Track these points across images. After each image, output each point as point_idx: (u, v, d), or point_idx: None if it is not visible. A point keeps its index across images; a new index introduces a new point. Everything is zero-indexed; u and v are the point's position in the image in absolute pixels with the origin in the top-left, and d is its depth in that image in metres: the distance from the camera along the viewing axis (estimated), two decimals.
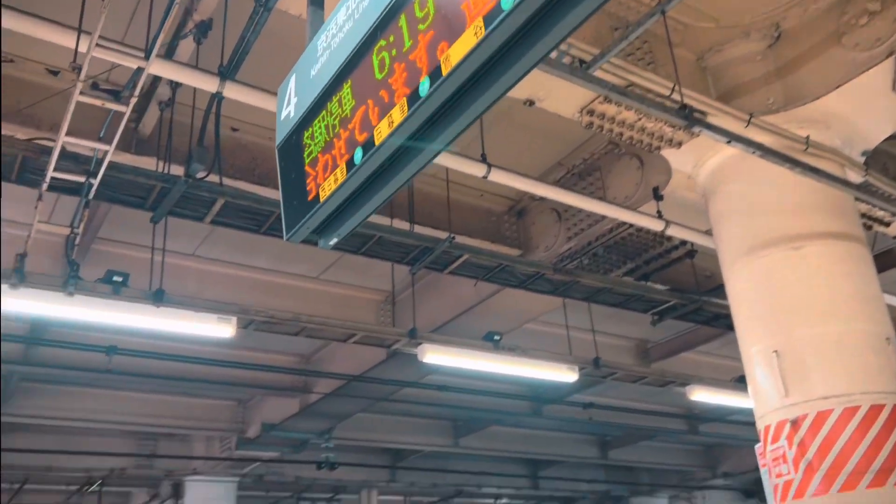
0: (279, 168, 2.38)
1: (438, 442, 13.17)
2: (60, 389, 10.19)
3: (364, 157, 1.98)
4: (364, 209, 2.14)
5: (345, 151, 2.07)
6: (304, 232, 2.27)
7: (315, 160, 2.19)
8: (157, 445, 12.52)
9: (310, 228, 2.25)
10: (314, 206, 2.18)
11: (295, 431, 10.47)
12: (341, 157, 2.07)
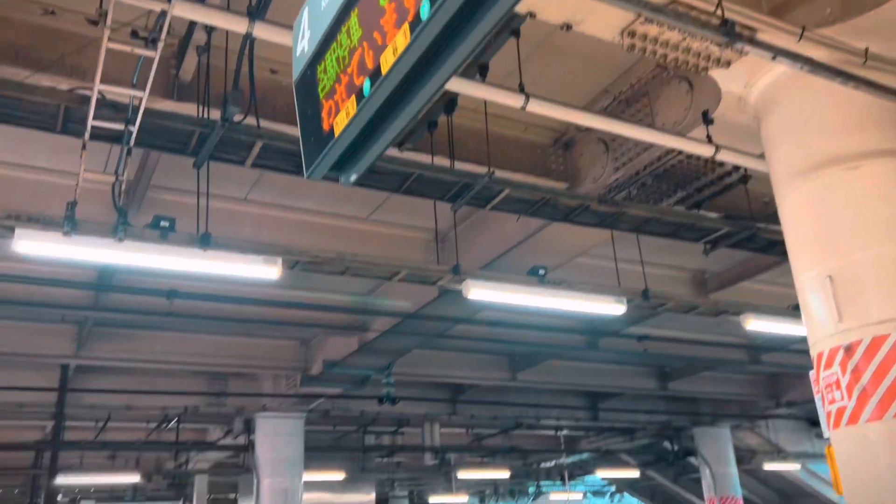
0: (297, 105, 2.37)
1: (496, 376, 13.35)
2: (132, 333, 10.68)
3: (372, 87, 1.96)
4: (379, 143, 2.12)
5: (355, 83, 2.04)
6: (322, 169, 2.27)
7: (328, 94, 2.18)
8: (227, 384, 13.06)
9: (328, 165, 2.25)
10: (329, 141, 2.17)
11: (355, 368, 10.76)
12: (352, 90, 2.05)
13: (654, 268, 9.46)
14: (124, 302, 8.98)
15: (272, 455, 12.84)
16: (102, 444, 12.89)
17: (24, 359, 10.40)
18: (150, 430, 14.54)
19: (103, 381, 12.00)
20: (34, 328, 10.15)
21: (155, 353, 10.88)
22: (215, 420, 15.02)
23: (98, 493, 18.87)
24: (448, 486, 22.52)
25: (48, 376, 11.46)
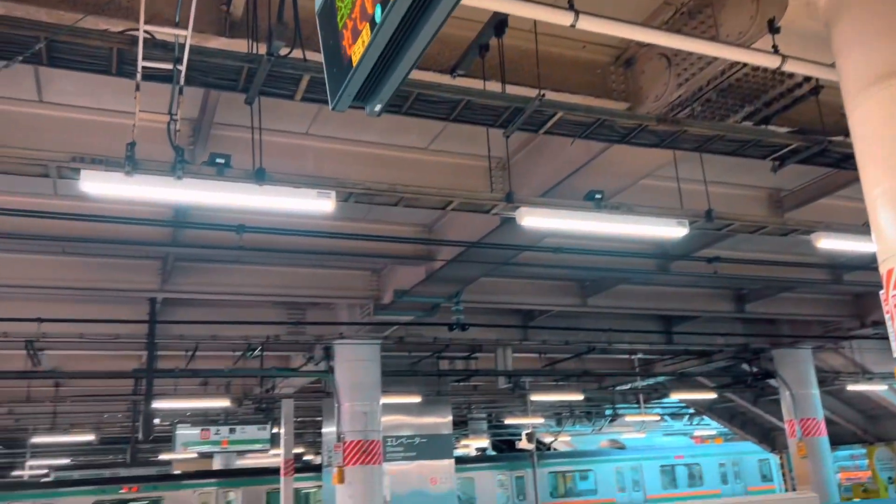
0: (319, 36, 2.37)
1: (566, 302, 13.37)
2: (211, 267, 11.17)
3: (383, 13, 1.94)
4: (397, 71, 2.11)
5: (367, 10, 2.02)
6: (346, 99, 2.28)
7: (346, 23, 2.17)
8: (305, 314, 13.56)
9: (351, 95, 2.26)
10: (349, 71, 2.17)
11: (424, 297, 10.97)
12: (365, 17, 2.04)
13: (727, 187, 9.18)
14: (200, 238, 9.36)
15: (350, 380, 13.39)
16: (193, 372, 13.69)
17: (116, 293, 11.04)
18: (236, 358, 15.34)
19: (189, 313, 12.67)
20: (122, 264, 10.74)
21: (234, 286, 11.35)
22: (296, 348, 15.70)
23: (193, 417, 20.19)
24: (524, 408, 22.98)
25: (139, 309, 12.18)
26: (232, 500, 23.09)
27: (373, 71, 2.14)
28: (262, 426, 16.39)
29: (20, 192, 8.30)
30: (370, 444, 13.05)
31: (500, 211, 5.88)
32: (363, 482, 12.84)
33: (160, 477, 24.21)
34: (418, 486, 16.73)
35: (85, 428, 23.11)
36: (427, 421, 17.21)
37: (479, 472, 24.67)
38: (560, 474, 25.97)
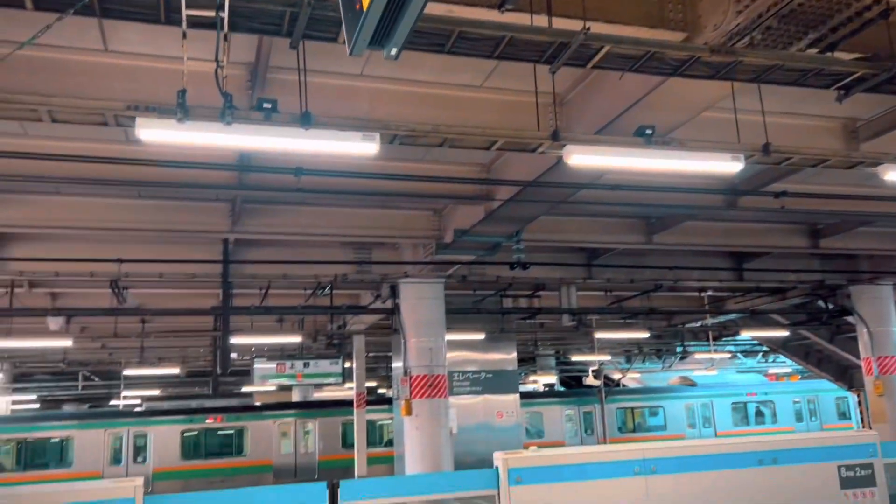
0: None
1: (631, 240, 13.20)
2: (277, 209, 11.51)
3: None
4: (407, 13, 2.13)
5: None
6: (361, 44, 2.33)
7: None
8: (370, 254, 13.87)
9: (365, 40, 2.30)
10: (360, 16, 2.21)
11: (484, 236, 11.04)
12: None
13: (798, 118, 8.80)
14: (264, 180, 9.64)
15: (415, 317, 13.71)
16: (266, 309, 14.25)
17: (190, 234, 11.55)
18: (307, 296, 15.89)
19: (260, 253, 13.15)
20: (194, 207, 11.20)
21: (301, 227, 11.68)
22: (364, 286, 16.14)
23: (270, 352, 21.15)
24: (591, 346, 23.06)
25: (213, 250, 12.72)
26: (310, 430, 24.24)
27: (383, 16, 2.17)
28: (335, 361, 17.02)
29: (97, 139, 8.70)
30: (435, 379, 13.42)
31: (547, 150, 5.83)
32: (429, 414, 13.27)
33: (243, 408, 25.54)
34: (484, 419, 17.17)
35: (171, 362, 24.53)
36: (492, 357, 17.53)
37: (547, 407, 25.06)
38: (629, 410, 26.12)
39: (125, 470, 22.33)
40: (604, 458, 5.29)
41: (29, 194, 10.41)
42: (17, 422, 22.65)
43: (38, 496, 4.20)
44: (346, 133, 4.81)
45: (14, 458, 21.83)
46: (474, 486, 5.21)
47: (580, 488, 5.10)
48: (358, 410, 18.81)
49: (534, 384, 34.03)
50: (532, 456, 5.13)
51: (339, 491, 4.75)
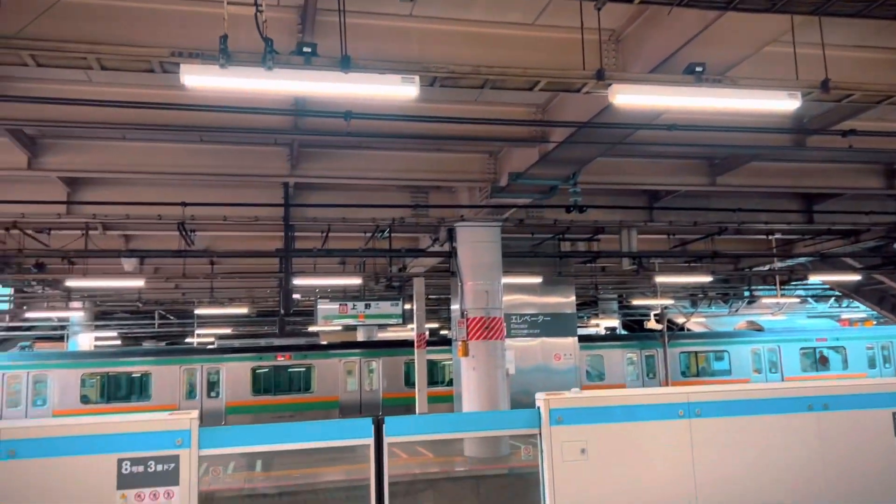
0: None
1: (693, 181, 12.86)
2: (335, 153, 11.64)
3: None
4: None
5: None
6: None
7: None
8: (427, 197, 13.94)
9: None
10: None
11: (539, 179, 10.93)
12: None
13: (863, 52, 8.33)
14: (320, 125, 9.74)
15: (472, 260, 13.81)
16: (326, 252, 14.55)
17: (251, 179, 11.83)
18: (366, 239, 16.14)
19: (320, 196, 13.38)
20: (254, 151, 11.44)
21: (358, 171, 11.80)
22: (422, 230, 16.27)
23: (333, 293, 21.66)
24: (654, 290, 22.76)
25: (275, 194, 13.01)
26: (374, 368, 24.94)
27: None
28: (395, 302, 17.31)
29: (157, 84, 8.92)
30: (492, 321, 13.56)
31: (591, 90, 5.69)
32: (485, 356, 13.47)
33: (309, 347, 26.42)
34: (542, 361, 17.31)
35: (241, 302, 25.44)
36: (550, 300, 17.54)
37: (608, 351, 25.02)
38: (692, 354, 25.85)
39: (200, 404, 23.50)
40: (647, 401, 5.29)
41: (97, 140, 10.82)
42: (102, 357, 24.05)
43: (97, 425, 4.50)
44: (386, 76, 4.81)
45: (98, 390, 23.23)
46: (516, 425, 5.30)
47: (621, 430, 5.14)
48: (418, 350, 19.21)
49: (595, 328, 33.96)
50: (573, 397, 5.18)
51: (384, 427, 4.92)
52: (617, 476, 5.08)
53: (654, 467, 5.15)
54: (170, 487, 4.43)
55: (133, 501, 4.38)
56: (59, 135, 10.62)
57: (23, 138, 10.20)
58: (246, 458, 5.28)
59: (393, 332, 33.75)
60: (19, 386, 22.85)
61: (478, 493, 6.16)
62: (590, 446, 5.05)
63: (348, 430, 4.89)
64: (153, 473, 4.41)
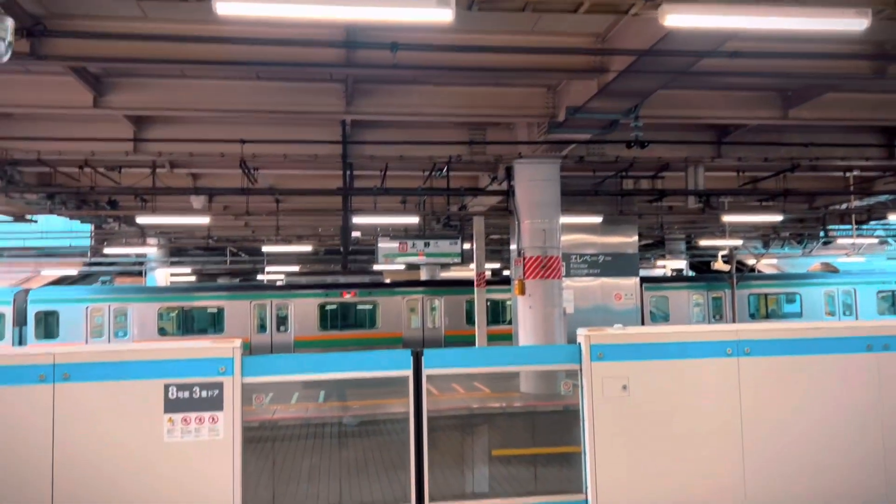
0: None
1: (764, 114, 12.22)
2: (390, 89, 11.53)
3: None
4: None
5: None
6: None
7: None
8: (485, 134, 13.72)
9: None
10: None
11: (598, 113, 10.57)
12: None
13: None
14: (372, 58, 9.60)
15: (530, 198, 13.61)
16: (385, 190, 14.60)
17: (307, 116, 11.87)
18: (425, 177, 16.09)
19: (377, 134, 13.35)
20: (311, 88, 11.44)
21: (413, 107, 11.67)
22: (480, 168, 16.10)
23: (394, 232, 21.80)
24: (723, 230, 22.05)
25: (333, 132, 13.04)
26: (436, 306, 25.24)
27: None
28: (454, 241, 17.29)
29: (210, 20, 8.93)
30: (549, 260, 13.42)
31: (641, 11, 5.38)
32: (542, 295, 13.39)
33: (374, 284, 26.90)
34: (602, 301, 17.12)
35: (308, 240, 25.95)
36: (612, 240, 17.22)
37: (674, 292, 24.58)
38: (761, 296, 25.16)
39: (270, 338, 24.33)
40: (693, 338, 5.14)
41: (159, 78, 11.00)
42: (177, 292, 25.08)
43: (143, 352, 4.66)
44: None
45: (175, 323, 24.29)
46: (556, 360, 5.25)
47: (665, 367, 5.02)
48: (478, 289, 19.26)
49: (662, 269, 33.32)
50: (615, 333, 5.07)
51: (423, 359, 4.94)
52: (659, 414, 4.99)
53: (698, 407, 5.03)
54: (214, 413, 4.59)
55: (179, 425, 4.55)
56: (122, 73, 10.84)
57: (87, 77, 10.44)
58: (298, 388, 5.44)
59: (456, 271, 33.99)
60: (101, 318, 24.06)
61: (526, 427, 6.22)
62: (631, 383, 4.96)
63: (387, 361, 4.94)
64: (198, 399, 4.57)
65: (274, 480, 5.14)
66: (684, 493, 4.95)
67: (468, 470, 5.52)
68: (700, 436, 5.02)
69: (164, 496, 4.49)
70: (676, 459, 4.97)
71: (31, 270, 30.52)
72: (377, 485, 5.24)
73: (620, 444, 4.95)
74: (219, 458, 4.56)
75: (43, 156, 12.97)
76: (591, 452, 4.93)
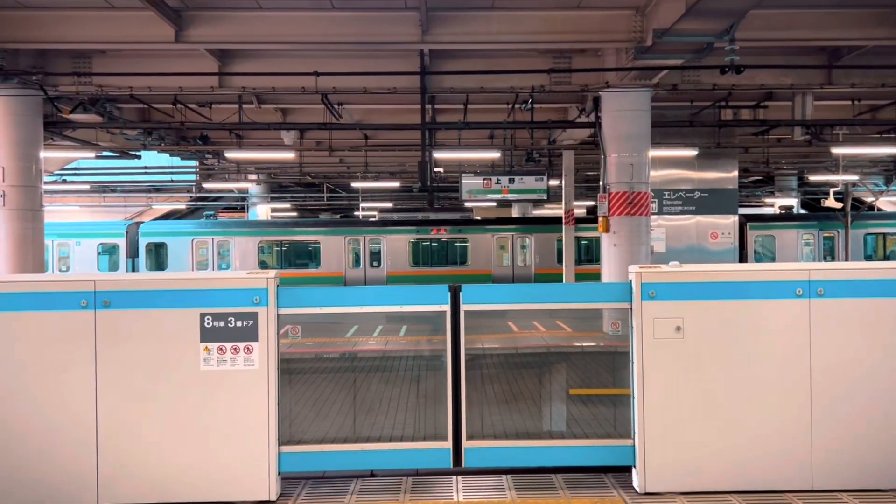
0: None
1: (882, 35, 10.96)
2: (467, 16, 11.10)
3: None
4: None
5: None
6: None
7: None
8: (570, 61, 13.07)
9: None
10: None
11: (687, 35, 9.76)
12: None
13: None
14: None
15: (617, 131, 12.94)
16: (465, 125, 14.28)
17: (384, 47, 11.63)
18: (509, 110, 15.59)
19: (456, 64, 12.96)
20: (385, 17, 11.18)
21: (492, 34, 11.22)
22: (566, 98, 15.43)
23: (481, 168, 21.47)
24: (835, 164, 20.42)
25: (411, 63, 12.75)
26: (527, 244, 24.96)
27: None
28: (540, 177, 16.82)
29: None
30: (636, 196, 12.79)
31: None
32: (628, 232, 12.83)
33: (464, 222, 26.84)
34: (696, 241, 16.30)
35: (400, 177, 26.04)
36: (709, 176, 16.25)
37: (780, 230, 23.22)
38: (879, 236, 23.39)
39: (363, 273, 24.84)
40: (758, 277, 4.64)
41: (234, 10, 11.01)
42: (276, 227, 25.95)
43: (180, 281, 4.67)
44: None
45: (274, 257, 25.17)
46: (605, 298, 4.90)
47: (724, 308, 4.57)
48: (566, 227, 18.75)
49: (770, 207, 31.48)
50: (669, 270, 4.66)
51: (462, 294, 4.73)
52: (715, 359, 4.58)
53: (762, 352, 4.58)
54: (249, 343, 4.57)
55: (215, 354, 4.57)
56: (200, 6, 10.90)
57: (167, 11, 10.55)
58: (332, 323, 5.42)
59: (549, 209, 33.42)
60: (206, 251, 25.20)
61: (577, 367, 5.96)
62: (686, 325, 4.57)
63: (424, 295, 4.75)
64: (233, 329, 4.56)
65: (312, 412, 5.13)
66: (740, 446, 4.58)
67: (517, 408, 5.34)
68: (761, 384, 4.59)
69: (201, 423, 4.55)
70: (733, 409, 4.58)
71: (144, 205, 32.27)
72: (421, 422, 5.15)
73: (671, 389, 4.60)
74: (253, 388, 4.56)
75: (135, 92, 13.36)
76: (640, 397, 4.61)
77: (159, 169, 24.26)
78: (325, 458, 4.74)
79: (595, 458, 4.75)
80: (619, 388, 4.95)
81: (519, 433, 5.04)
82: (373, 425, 5.14)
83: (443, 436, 4.72)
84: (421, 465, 4.76)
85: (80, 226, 25.88)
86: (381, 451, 4.75)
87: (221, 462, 4.54)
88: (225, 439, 4.55)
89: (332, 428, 5.06)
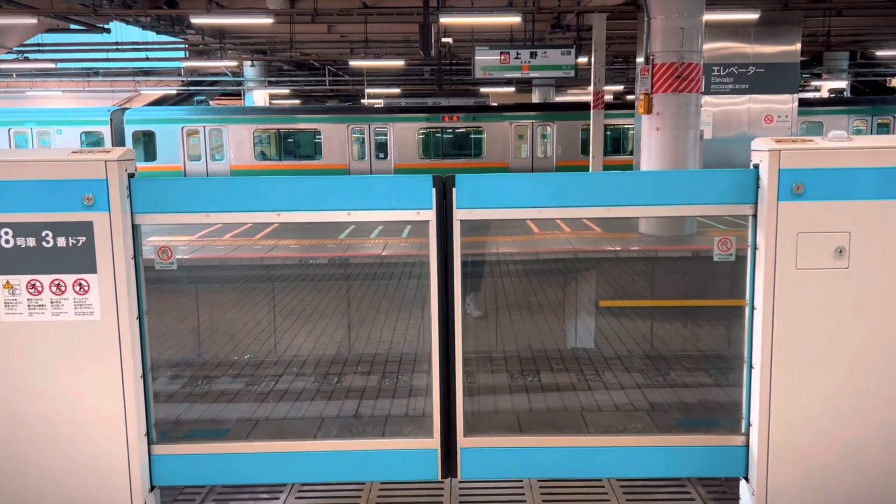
0: None
1: None
2: None
3: None
4: None
5: None
6: None
7: None
8: None
9: None
10: None
11: None
12: None
13: None
14: None
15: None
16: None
17: None
18: None
19: None
20: None
21: None
22: None
23: (497, 40, 18.85)
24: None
25: None
26: (548, 133, 22.72)
27: None
28: (566, 51, 14.39)
29: None
30: (686, 68, 10.46)
31: None
32: (674, 113, 10.59)
33: (479, 108, 24.48)
34: (748, 126, 13.95)
35: (403, 57, 23.49)
36: (765, 49, 13.68)
37: (829, 116, 20.74)
38: None
39: (369, 165, 22.83)
40: None
41: None
42: (271, 113, 23.76)
43: None
44: None
45: (273, 147, 23.16)
46: (705, 195, 2.81)
47: None
48: (595, 111, 16.36)
49: (815, 91, 28.61)
50: (829, 148, 2.60)
51: (455, 192, 2.70)
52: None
53: None
54: (82, 276, 2.62)
55: (24, 294, 2.64)
56: None
57: None
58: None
59: (572, 95, 30.76)
60: (197, 140, 23.17)
61: (647, 279, 4.12)
62: (855, 245, 2.56)
63: (392, 193, 2.73)
64: (52, 250, 2.62)
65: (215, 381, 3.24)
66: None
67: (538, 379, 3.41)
68: None
69: (8, 410, 2.67)
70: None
71: (132, 90, 29.88)
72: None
73: (823, 358, 2.63)
74: (94, 349, 2.64)
75: None
76: (765, 369, 2.65)
77: (133, 44, 21.70)
78: (229, 464, 2.87)
79: (675, 465, 2.85)
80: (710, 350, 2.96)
81: (542, 424, 3.10)
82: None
83: (427, 430, 2.82)
84: (389, 475, 2.86)
85: (62, 112, 23.86)
86: (324, 454, 2.86)
87: (46, 474, 2.69)
88: (49, 439, 2.68)
89: (249, 409, 3.16)
